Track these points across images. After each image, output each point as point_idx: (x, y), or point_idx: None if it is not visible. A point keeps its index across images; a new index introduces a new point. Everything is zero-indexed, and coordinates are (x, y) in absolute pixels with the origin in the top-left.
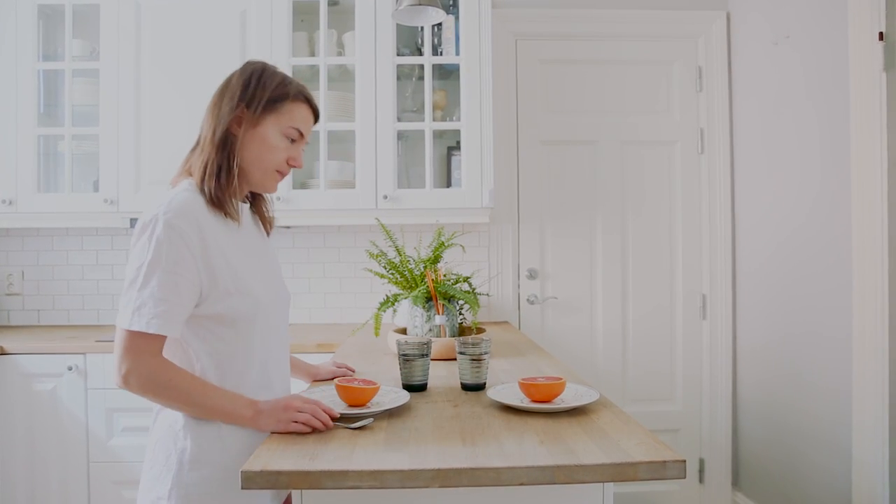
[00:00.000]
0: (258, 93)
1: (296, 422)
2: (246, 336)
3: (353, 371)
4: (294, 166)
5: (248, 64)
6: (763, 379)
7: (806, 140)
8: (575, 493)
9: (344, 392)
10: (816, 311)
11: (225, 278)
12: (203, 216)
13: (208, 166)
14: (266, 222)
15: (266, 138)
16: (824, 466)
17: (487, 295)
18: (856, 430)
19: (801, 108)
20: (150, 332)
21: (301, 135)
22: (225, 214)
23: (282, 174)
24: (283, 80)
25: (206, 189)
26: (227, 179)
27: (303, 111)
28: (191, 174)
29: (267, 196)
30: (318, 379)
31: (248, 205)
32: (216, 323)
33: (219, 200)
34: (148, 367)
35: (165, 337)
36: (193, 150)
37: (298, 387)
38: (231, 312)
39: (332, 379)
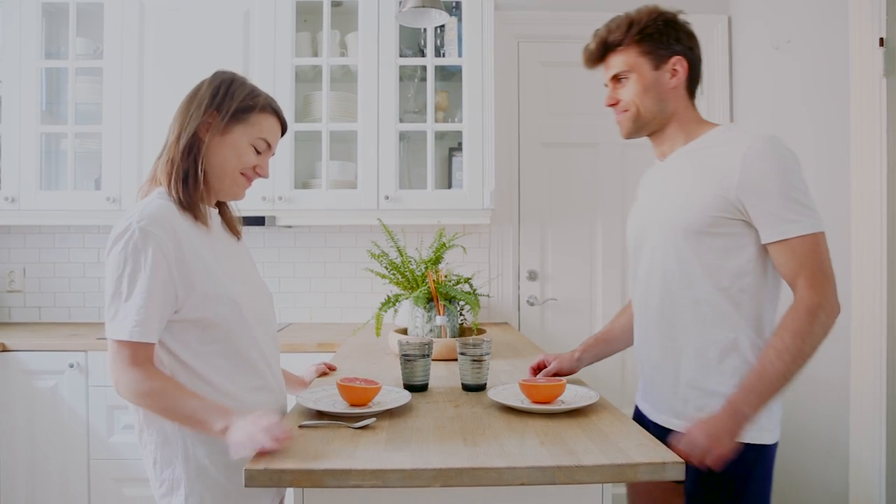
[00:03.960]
0: (227, 101)
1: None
2: (230, 339)
3: (334, 369)
4: (260, 175)
5: (218, 73)
6: None
7: (806, 144)
8: (575, 493)
9: (346, 392)
10: None
11: (203, 282)
12: (177, 222)
13: (174, 171)
14: (233, 227)
15: (235, 145)
16: (821, 468)
17: (488, 296)
18: (853, 430)
19: (802, 112)
20: (134, 340)
21: (268, 146)
22: (195, 217)
23: (248, 179)
24: (252, 92)
25: (174, 193)
26: (194, 184)
27: (270, 122)
28: (160, 182)
29: (231, 202)
30: (309, 382)
31: (216, 210)
32: (200, 328)
33: (188, 204)
34: (133, 376)
35: (153, 344)
36: (159, 157)
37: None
38: (211, 316)
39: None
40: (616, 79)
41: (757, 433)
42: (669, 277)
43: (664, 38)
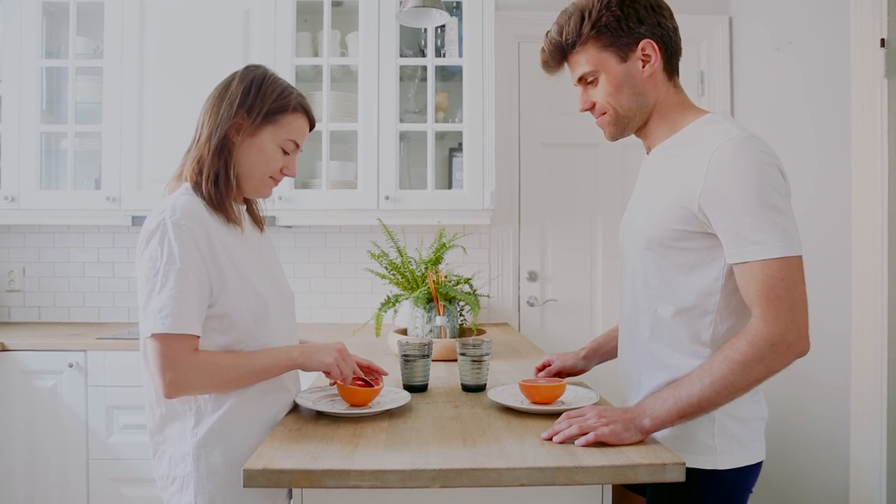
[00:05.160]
0: (258, 102)
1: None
2: (256, 335)
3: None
4: (287, 175)
5: (250, 69)
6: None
7: (807, 145)
8: (575, 494)
9: (345, 393)
10: (815, 310)
11: (232, 278)
12: (206, 217)
13: (204, 170)
14: (259, 221)
15: (263, 149)
16: (822, 470)
17: (488, 296)
18: (854, 430)
19: (802, 113)
20: (178, 332)
21: (296, 146)
22: (227, 219)
23: (275, 181)
24: (284, 91)
25: (204, 193)
26: (225, 186)
27: (300, 122)
28: (186, 179)
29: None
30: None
31: (244, 206)
32: (227, 323)
33: (220, 205)
34: (189, 365)
35: (197, 336)
36: (189, 151)
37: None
38: (239, 312)
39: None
40: (584, 80)
41: (708, 457)
42: (636, 290)
43: (623, 23)
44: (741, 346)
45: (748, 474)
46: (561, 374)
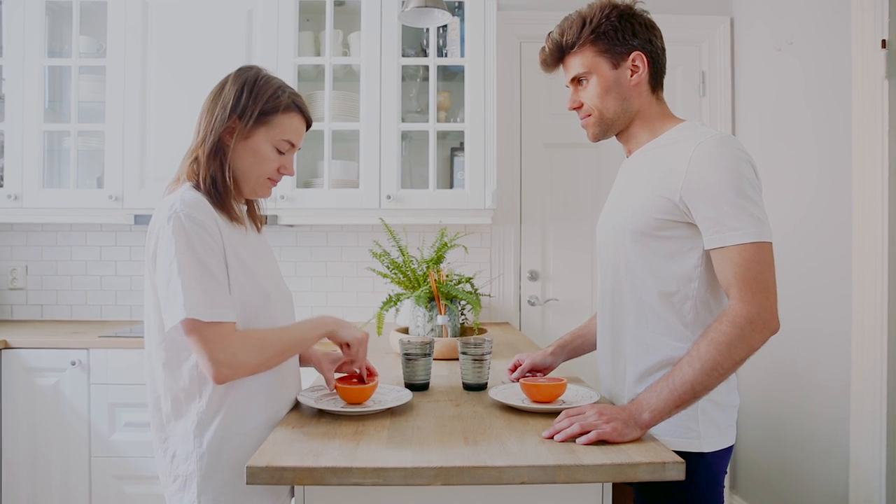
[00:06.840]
0: (250, 105)
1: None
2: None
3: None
4: (285, 174)
5: (242, 71)
6: (761, 378)
7: (808, 146)
8: (575, 492)
9: (343, 392)
10: (816, 310)
11: (236, 271)
12: (212, 212)
13: (201, 172)
14: (257, 220)
15: (257, 151)
16: (822, 469)
17: (489, 296)
18: (854, 430)
19: (804, 113)
20: (218, 320)
21: (292, 145)
22: (231, 218)
23: (273, 181)
24: (276, 92)
25: (205, 193)
26: (223, 188)
27: (294, 122)
28: (187, 181)
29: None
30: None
31: (244, 206)
32: None
33: (222, 204)
34: (238, 344)
35: (233, 322)
36: (188, 153)
37: (308, 377)
38: (242, 305)
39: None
40: (576, 81)
41: (694, 441)
42: (619, 280)
43: (619, 33)
44: (723, 327)
45: (725, 456)
46: (532, 370)
